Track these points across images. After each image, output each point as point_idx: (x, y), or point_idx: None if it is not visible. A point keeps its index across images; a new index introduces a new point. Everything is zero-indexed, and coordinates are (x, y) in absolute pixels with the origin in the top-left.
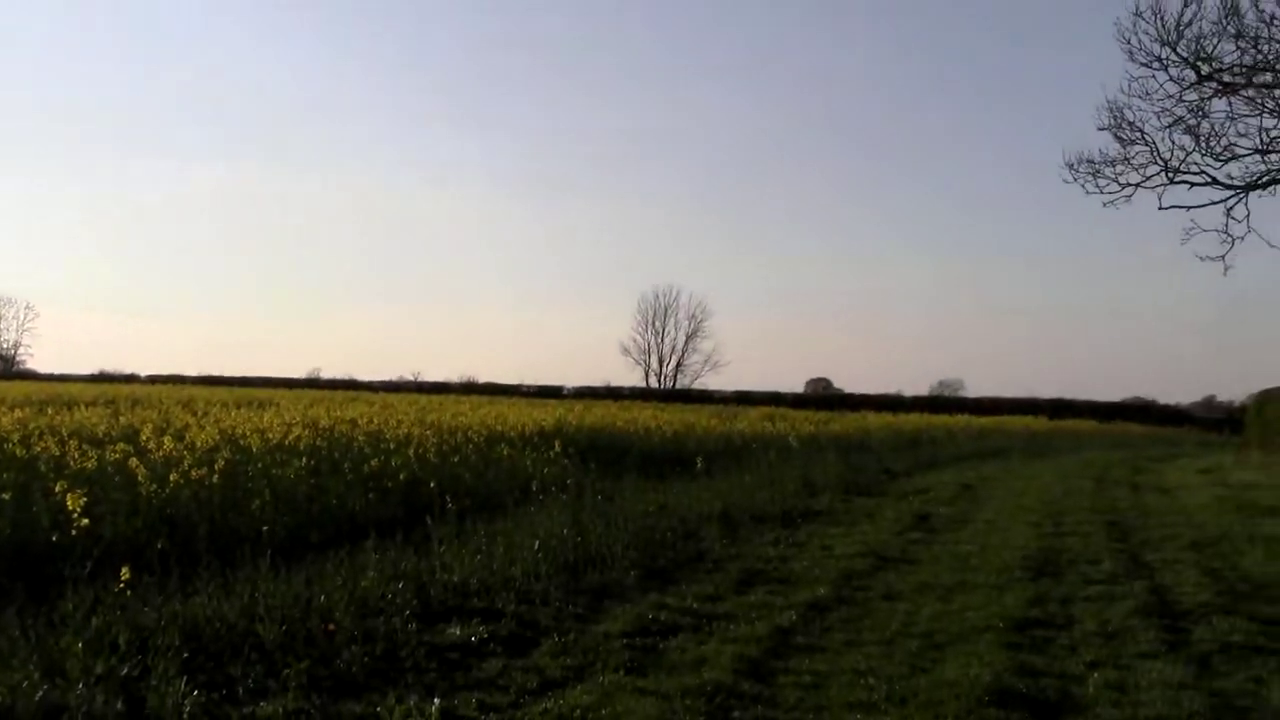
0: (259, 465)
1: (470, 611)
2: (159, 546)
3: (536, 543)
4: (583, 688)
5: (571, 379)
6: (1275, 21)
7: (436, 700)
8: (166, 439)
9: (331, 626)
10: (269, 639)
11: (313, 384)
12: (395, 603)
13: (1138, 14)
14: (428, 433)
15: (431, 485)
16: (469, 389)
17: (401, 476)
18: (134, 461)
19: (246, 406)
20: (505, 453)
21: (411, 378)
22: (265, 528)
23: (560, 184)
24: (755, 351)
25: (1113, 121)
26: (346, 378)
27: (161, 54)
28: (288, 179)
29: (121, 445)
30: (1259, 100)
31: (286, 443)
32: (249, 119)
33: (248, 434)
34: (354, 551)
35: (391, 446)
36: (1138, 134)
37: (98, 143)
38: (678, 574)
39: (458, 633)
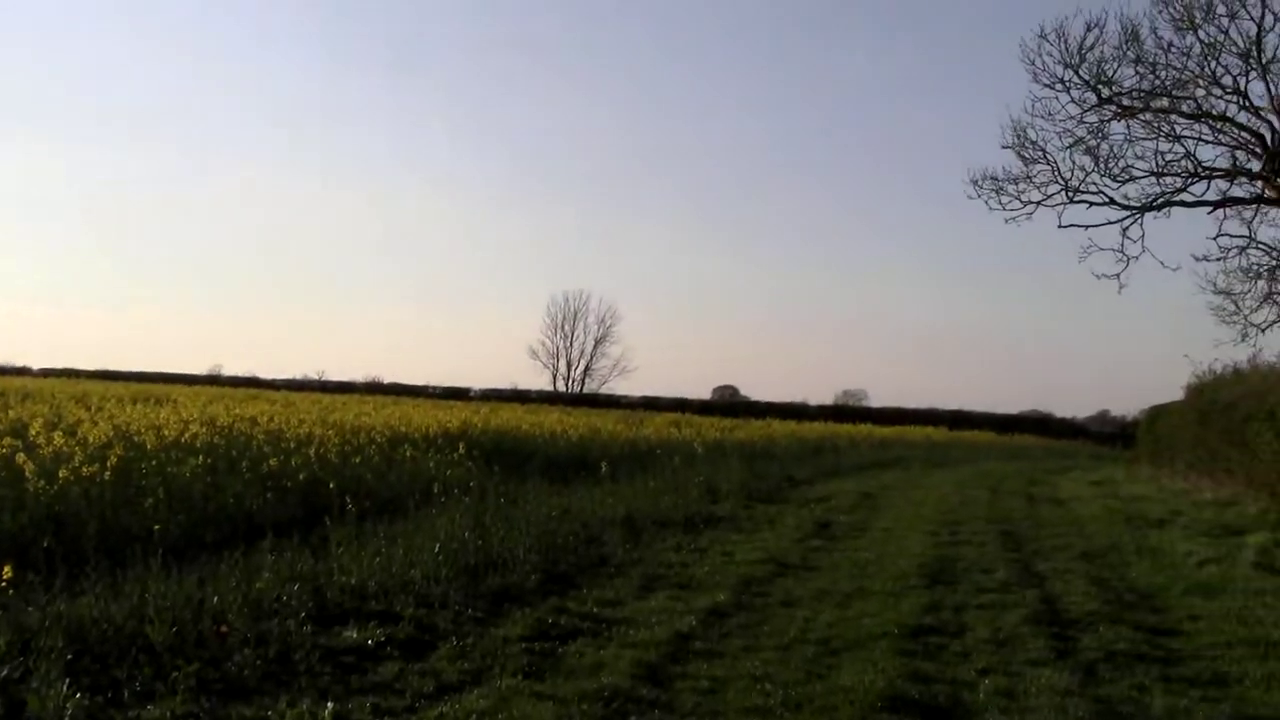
0: (153, 463)
1: (368, 614)
2: (45, 545)
3: (437, 545)
4: (479, 692)
5: (479, 381)
6: (1172, 49)
7: (330, 704)
8: (57, 434)
9: (224, 628)
10: (158, 641)
11: (213, 381)
12: (291, 605)
13: (1043, 36)
14: (330, 432)
15: (332, 486)
16: (374, 389)
17: (301, 476)
18: (21, 457)
19: (143, 402)
20: (408, 454)
21: (315, 376)
22: (157, 527)
23: (471, 183)
24: (664, 358)
25: (1016, 140)
26: (248, 375)
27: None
28: (190, 167)
29: (9, 440)
30: (1155, 124)
31: (183, 440)
32: (149, 105)
33: (143, 430)
34: (250, 552)
35: (292, 446)
36: (1040, 153)
37: None
38: (579, 578)
39: (354, 636)
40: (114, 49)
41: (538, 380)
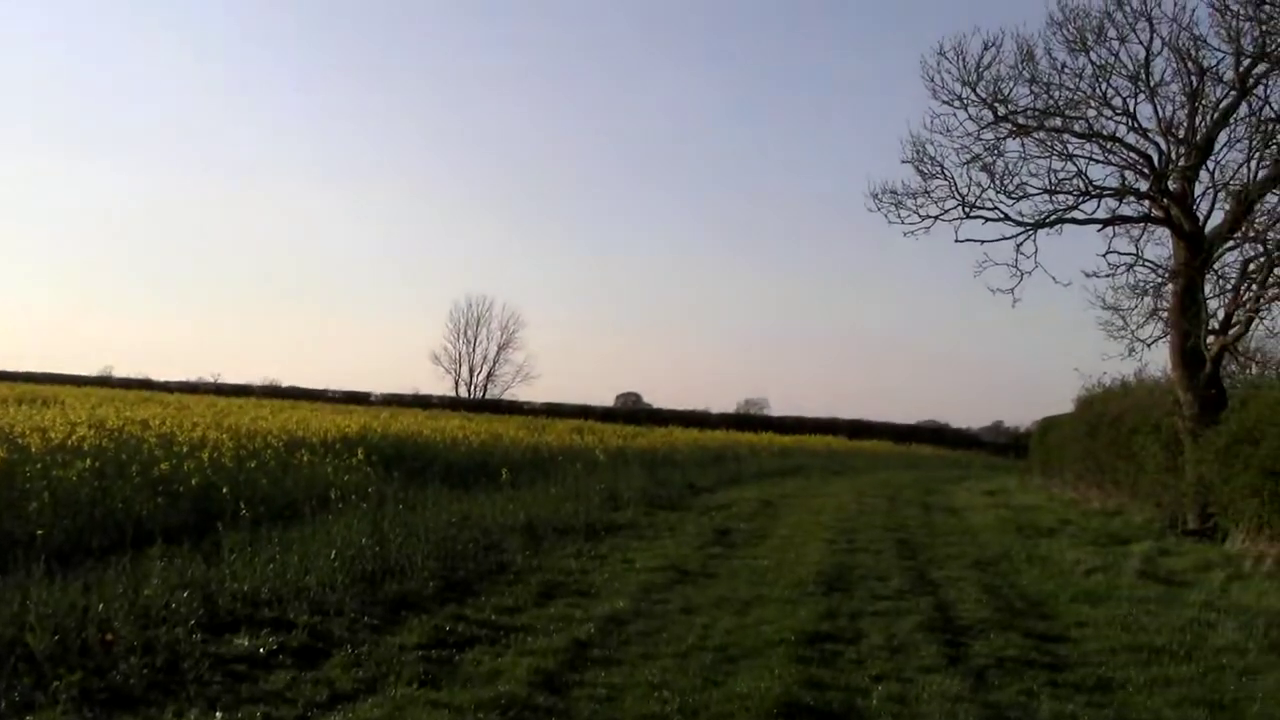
0: (38, 466)
1: (260, 622)
2: None
3: (334, 552)
4: (373, 700)
5: (380, 386)
6: (1065, 70)
7: (219, 714)
8: None
9: (110, 636)
10: (39, 649)
11: (103, 383)
12: (180, 612)
13: (942, 54)
14: (224, 436)
15: (225, 491)
16: (271, 393)
17: (194, 481)
18: None
19: (29, 404)
20: (306, 459)
21: (210, 379)
22: (41, 532)
23: (373, 184)
24: (567, 365)
25: (915, 155)
26: (140, 377)
27: None
28: (85, 166)
29: None
30: (1049, 143)
31: (69, 443)
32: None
33: (27, 433)
34: (139, 558)
35: (184, 450)
36: (938, 168)
37: None
38: (478, 585)
39: (246, 644)
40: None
41: (440, 386)
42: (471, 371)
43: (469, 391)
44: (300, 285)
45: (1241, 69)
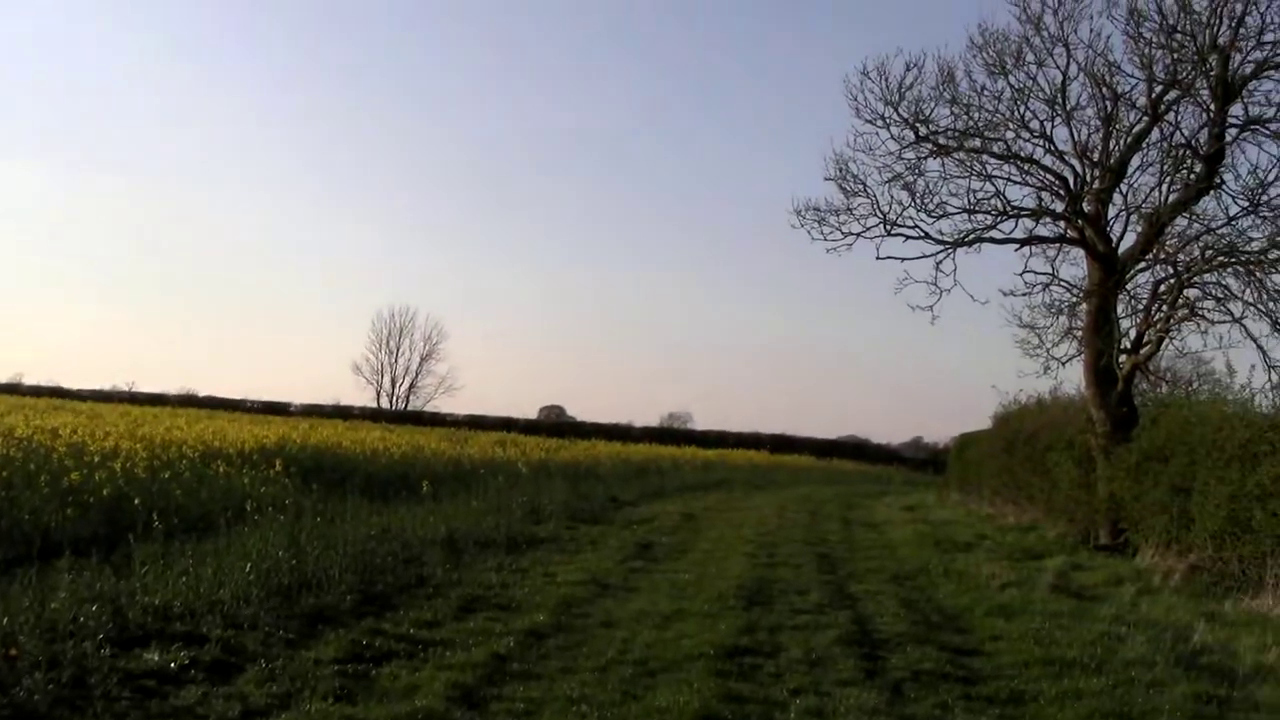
0: None
1: (172, 636)
2: None
3: (249, 565)
4: (287, 716)
5: (300, 396)
6: (985, 92)
7: None
8: None
9: (13, 651)
10: None
11: (12, 390)
12: (88, 626)
13: (865, 74)
14: (138, 446)
15: (138, 502)
16: (188, 402)
17: (105, 492)
18: None
19: None
20: (222, 470)
21: (125, 388)
22: None
23: (295, 190)
24: (491, 376)
25: (838, 173)
26: (51, 385)
27: None
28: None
29: None
30: (969, 163)
31: None
32: None
33: None
34: (45, 570)
35: (96, 459)
36: (860, 186)
37: None
38: (396, 599)
39: (156, 658)
40: None
41: (361, 397)
42: (394, 383)
43: (391, 403)
44: (219, 292)
45: (1154, 95)
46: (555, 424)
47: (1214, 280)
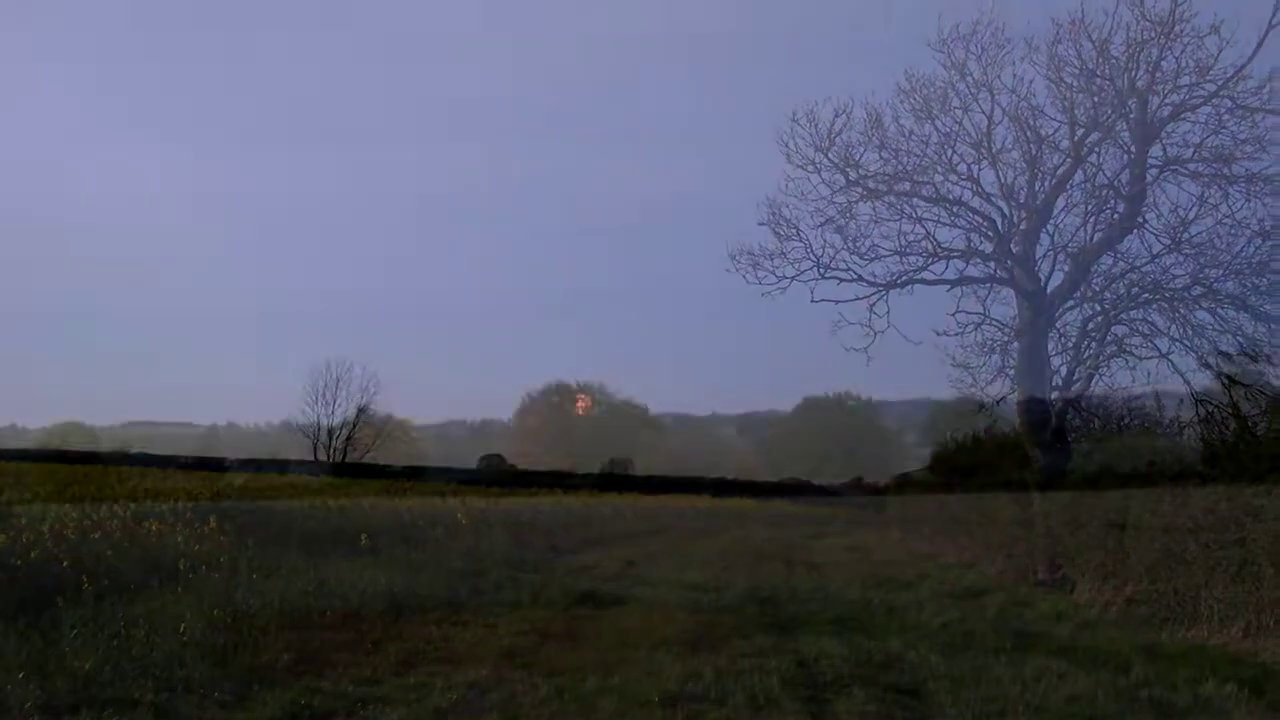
0: None
1: (102, 702)
2: None
3: (182, 625)
4: None
5: (235, 450)
6: (913, 137)
7: None
8: None
9: None
10: None
11: None
12: (13, 696)
13: (795, 120)
14: (66, 507)
15: (66, 564)
16: (120, 459)
17: (32, 554)
18: None
19: None
20: (154, 528)
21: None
22: None
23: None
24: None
25: (771, 217)
26: None
27: None
28: None
29: None
30: (898, 206)
31: None
32: None
33: None
34: None
35: (23, 521)
36: (793, 230)
37: None
38: (335, 656)
39: None
40: None
41: (298, 450)
42: (330, 435)
43: (328, 455)
44: (155, 343)
45: (1076, 138)
46: (495, 473)
47: (1140, 317)
